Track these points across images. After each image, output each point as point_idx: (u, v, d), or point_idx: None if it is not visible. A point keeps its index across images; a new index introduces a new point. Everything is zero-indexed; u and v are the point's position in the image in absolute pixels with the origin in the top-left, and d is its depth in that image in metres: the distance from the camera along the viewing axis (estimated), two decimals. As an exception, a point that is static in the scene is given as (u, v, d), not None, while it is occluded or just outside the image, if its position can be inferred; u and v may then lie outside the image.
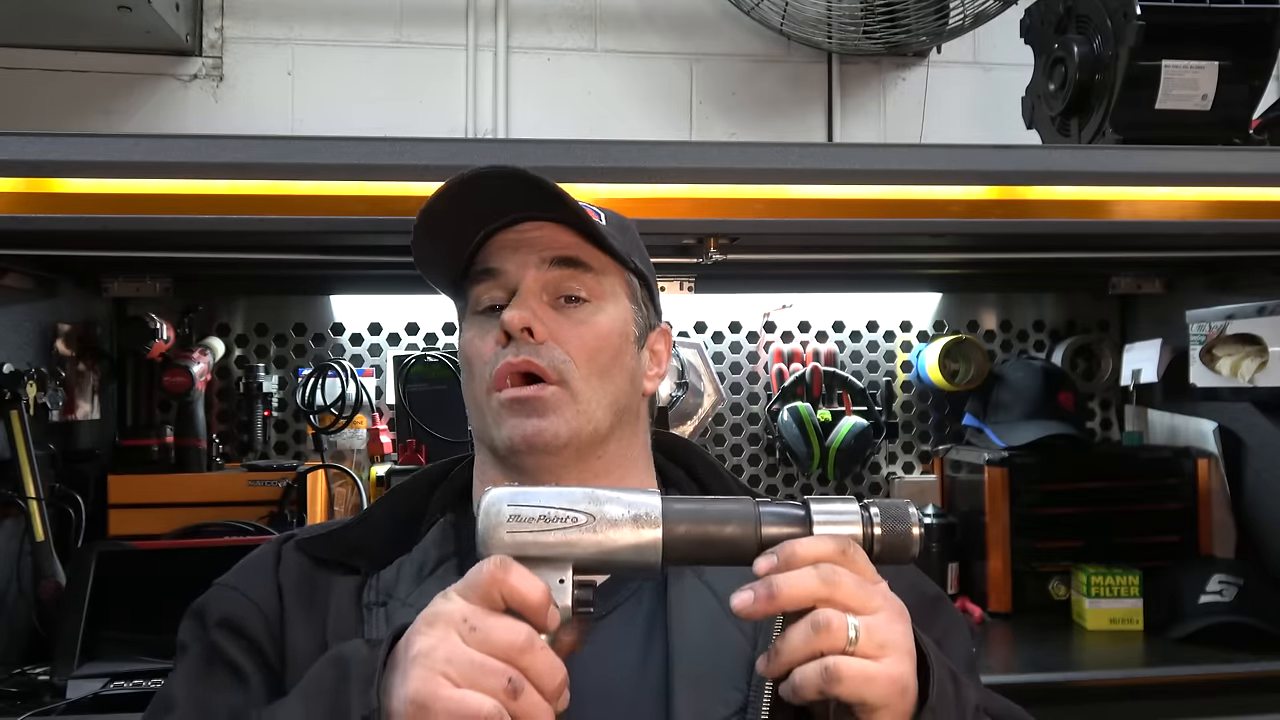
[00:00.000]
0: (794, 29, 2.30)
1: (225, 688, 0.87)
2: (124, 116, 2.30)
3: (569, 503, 0.71)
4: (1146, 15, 1.75)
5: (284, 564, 0.92)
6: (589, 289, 0.92)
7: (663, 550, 0.71)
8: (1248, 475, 2.16)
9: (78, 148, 1.45)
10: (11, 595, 1.78)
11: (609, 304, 0.93)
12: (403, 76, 2.39)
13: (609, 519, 0.71)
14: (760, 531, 0.72)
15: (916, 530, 0.74)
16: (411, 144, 1.49)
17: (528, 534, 0.70)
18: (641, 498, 0.72)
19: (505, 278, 0.91)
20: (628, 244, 0.95)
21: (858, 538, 0.73)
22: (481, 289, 0.92)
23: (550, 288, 0.91)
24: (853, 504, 0.74)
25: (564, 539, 0.70)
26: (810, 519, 0.73)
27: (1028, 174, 1.61)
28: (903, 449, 2.46)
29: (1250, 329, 1.99)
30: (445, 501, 0.96)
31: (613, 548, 0.70)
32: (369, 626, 0.87)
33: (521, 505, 0.71)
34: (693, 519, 0.72)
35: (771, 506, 0.74)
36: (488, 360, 0.90)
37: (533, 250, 0.91)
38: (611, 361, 0.92)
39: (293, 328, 2.30)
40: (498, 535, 0.70)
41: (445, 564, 0.90)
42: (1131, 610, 1.99)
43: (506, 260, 0.91)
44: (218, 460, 2.12)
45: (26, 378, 1.77)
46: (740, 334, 2.42)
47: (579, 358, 0.90)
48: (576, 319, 0.91)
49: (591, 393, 0.90)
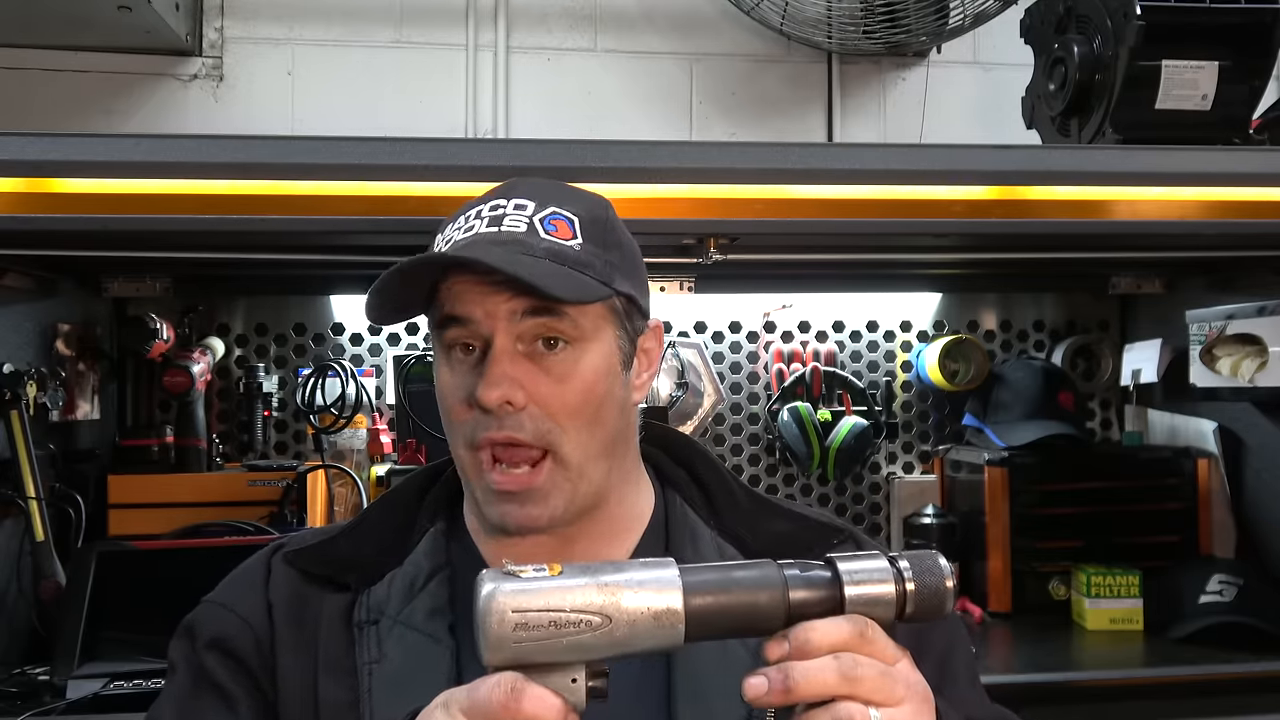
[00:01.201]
0: (794, 29, 2.30)
1: (214, 712, 0.86)
2: (124, 116, 2.30)
3: (581, 603, 0.64)
4: (1146, 15, 1.74)
5: (274, 579, 0.91)
6: (568, 333, 0.84)
7: (686, 636, 0.65)
8: (1248, 475, 2.16)
9: (78, 148, 1.45)
10: (11, 595, 1.78)
11: (591, 344, 0.85)
12: (403, 76, 2.39)
13: (626, 619, 0.64)
14: (788, 597, 0.67)
15: (950, 583, 0.68)
16: (411, 144, 1.49)
17: (536, 643, 0.64)
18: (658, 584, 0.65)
19: (475, 326, 0.83)
20: (607, 262, 0.86)
21: (890, 598, 0.67)
22: (451, 332, 0.85)
23: (525, 335, 0.83)
24: (881, 560, 0.69)
25: (578, 644, 0.64)
26: (839, 579, 0.67)
27: (1028, 174, 1.61)
28: (903, 449, 2.46)
29: (1250, 329, 1.99)
30: (435, 508, 0.94)
31: (631, 648, 0.65)
32: (360, 647, 0.86)
33: (528, 611, 0.64)
34: (715, 597, 0.66)
35: (796, 570, 0.68)
36: (464, 420, 0.85)
37: (501, 300, 0.82)
38: (599, 407, 0.86)
39: (293, 328, 2.30)
40: (503, 645, 0.64)
41: (437, 577, 0.89)
42: (1131, 610, 1.99)
43: (474, 307, 0.83)
44: (218, 460, 2.12)
45: (26, 378, 1.77)
46: (740, 334, 2.42)
47: (564, 418, 0.83)
48: (558, 373, 0.83)
49: (583, 452, 0.85)
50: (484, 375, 0.82)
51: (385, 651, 0.85)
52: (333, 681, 0.85)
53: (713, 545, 0.92)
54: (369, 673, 0.84)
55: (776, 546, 0.90)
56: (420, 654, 0.85)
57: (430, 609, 0.87)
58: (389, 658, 0.85)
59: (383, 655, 0.85)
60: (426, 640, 0.85)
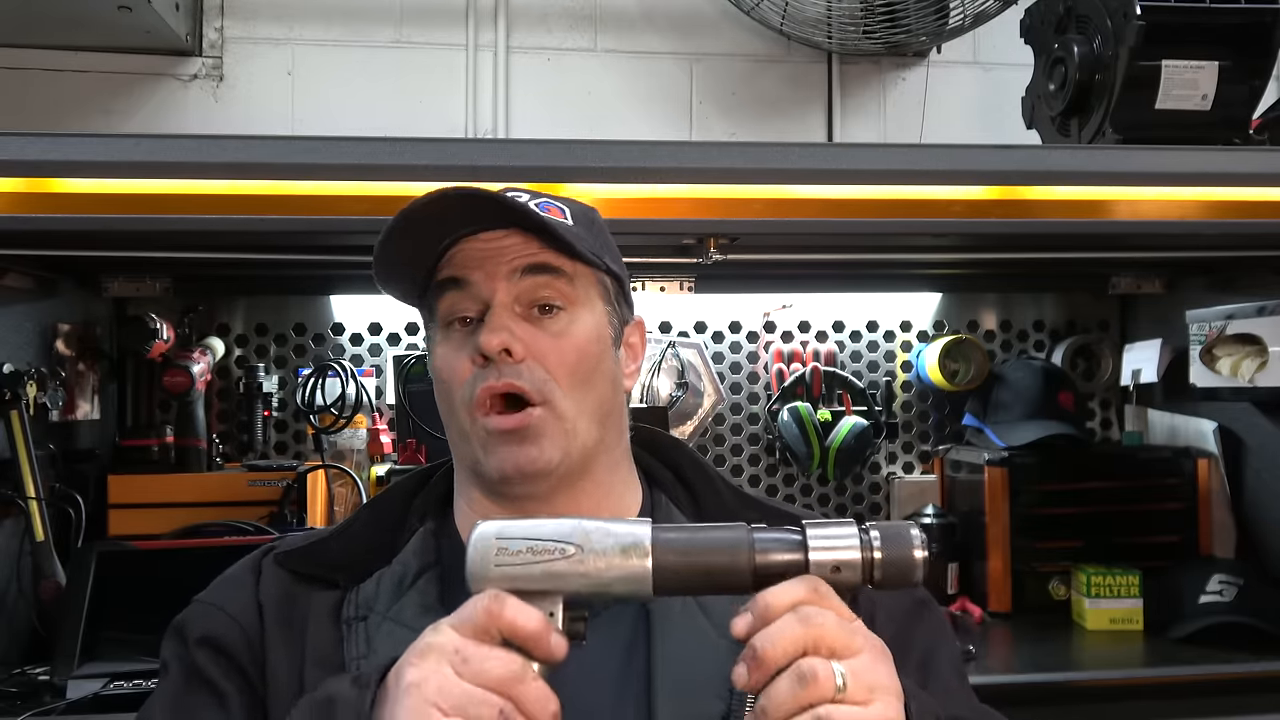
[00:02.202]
0: (794, 29, 2.30)
1: (206, 709, 0.86)
2: (124, 116, 2.30)
3: (557, 535, 0.70)
4: (1146, 15, 1.74)
5: (264, 580, 0.91)
6: (563, 295, 0.89)
7: (653, 580, 0.69)
8: (1248, 475, 2.16)
9: (78, 148, 1.45)
10: (11, 595, 1.78)
11: (584, 310, 0.90)
12: (403, 76, 2.39)
13: (597, 550, 0.69)
14: (754, 559, 0.70)
15: (919, 553, 0.70)
16: (411, 144, 1.49)
17: (516, 566, 0.69)
18: (631, 527, 0.71)
19: (474, 289, 0.88)
20: (597, 244, 0.92)
21: (856, 563, 0.70)
22: (449, 301, 0.89)
23: (523, 297, 0.88)
24: (851, 527, 0.71)
25: (552, 571, 0.69)
26: (806, 544, 0.70)
27: (1028, 174, 1.61)
28: (903, 449, 2.46)
29: (1250, 329, 1.99)
30: (425, 509, 0.95)
31: (602, 579, 0.69)
32: (348, 643, 0.86)
33: (509, 538, 0.70)
34: (684, 548, 0.70)
35: (766, 532, 0.71)
36: (465, 380, 0.88)
37: (501, 260, 0.87)
38: (593, 371, 0.89)
39: (293, 328, 2.30)
40: (485, 569, 0.69)
41: (426, 574, 0.89)
42: (1131, 610, 1.99)
43: (474, 270, 0.88)
44: (218, 460, 2.12)
45: (26, 378, 1.77)
46: (740, 334, 2.42)
47: (560, 374, 0.87)
48: (554, 330, 0.88)
49: (576, 408, 0.88)
50: (484, 327, 0.86)
51: (375, 647, 0.85)
52: (321, 675, 0.84)
53: None
54: (357, 667, 0.85)
55: None
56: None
57: (420, 606, 0.87)
58: (377, 653, 0.85)
59: (371, 651, 0.85)
60: (415, 636, 0.85)
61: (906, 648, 0.90)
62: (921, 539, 0.71)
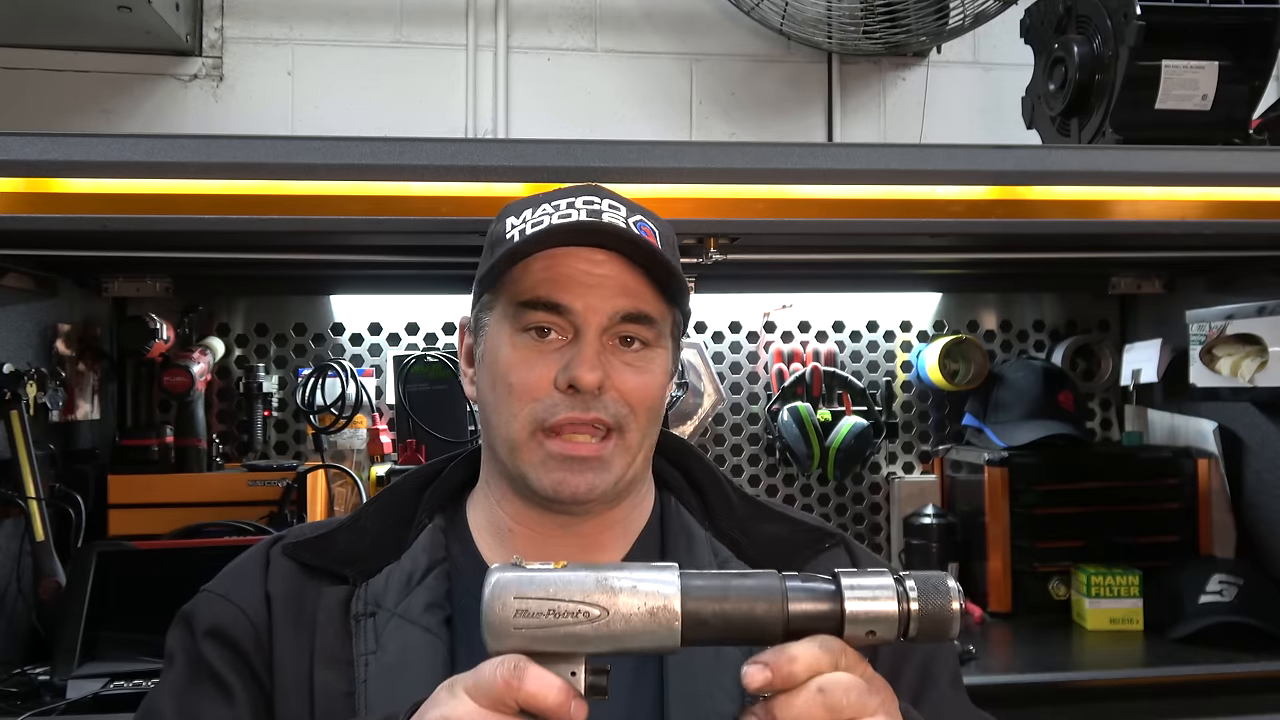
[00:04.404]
0: (794, 29, 2.30)
1: (211, 701, 0.86)
2: (124, 116, 2.30)
3: (581, 594, 0.66)
4: (1146, 15, 1.74)
5: (273, 571, 0.91)
6: (649, 337, 0.90)
7: (682, 638, 0.66)
8: (1248, 475, 2.16)
9: (78, 148, 1.45)
10: (11, 595, 1.78)
11: (661, 351, 0.92)
12: (403, 76, 2.39)
13: (623, 614, 0.66)
14: (787, 608, 0.67)
15: (956, 605, 0.67)
16: (411, 144, 1.49)
17: (537, 630, 0.66)
18: (658, 587, 0.67)
19: (572, 316, 0.88)
20: (679, 280, 0.92)
21: (892, 616, 0.67)
22: (539, 315, 0.88)
23: (612, 330, 0.89)
24: (886, 577, 0.68)
25: (575, 634, 0.66)
26: (841, 594, 0.67)
27: (1028, 174, 1.61)
28: (903, 449, 2.46)
29: (1250, 329, 1.99)
30: (435, 504, 0.95)
31: (628, 644, 0.66)
32: (357, 639, 0.86)
33: (529, 598, 0.66)
34: (714, 603, 0.67)
35: (799, 582, 0.68)
36: (538, 399, 0.87)
37: (605, 295, 0.88)
38: (660, 406, 0.92)
39: (293, 328, 2.30)
40: (504, 629, 0.66)
41: (435, 571, 0.89)
42: (1131, 610, 1.99)
43: (576, 298, 0.87)
44: (218, 460, 2.12)
45: (26, 378, 1.77)
46: (740, 334, 2.42)
47: (640, 410, 0.89)
48: (638, 368, 0.89)
49: (642, 440, 0.90)
50: (579, 358, 0.86)
51: (382, 643, 0.86)
52: (329, 672, 0.85)
53: (707, 546, 0.94)
54: (365, 663, 0.85)
55: (769, 549, 0.92)
56: (416, 646, 0.86)
57: (427, 602, 0.87)
58: (385, 649, 0.85)
59: (379, 647, 0.85)
60: (423, 633, 0.86)
61: (905, 654, 0.90)
62: (958, 590, 0.68)
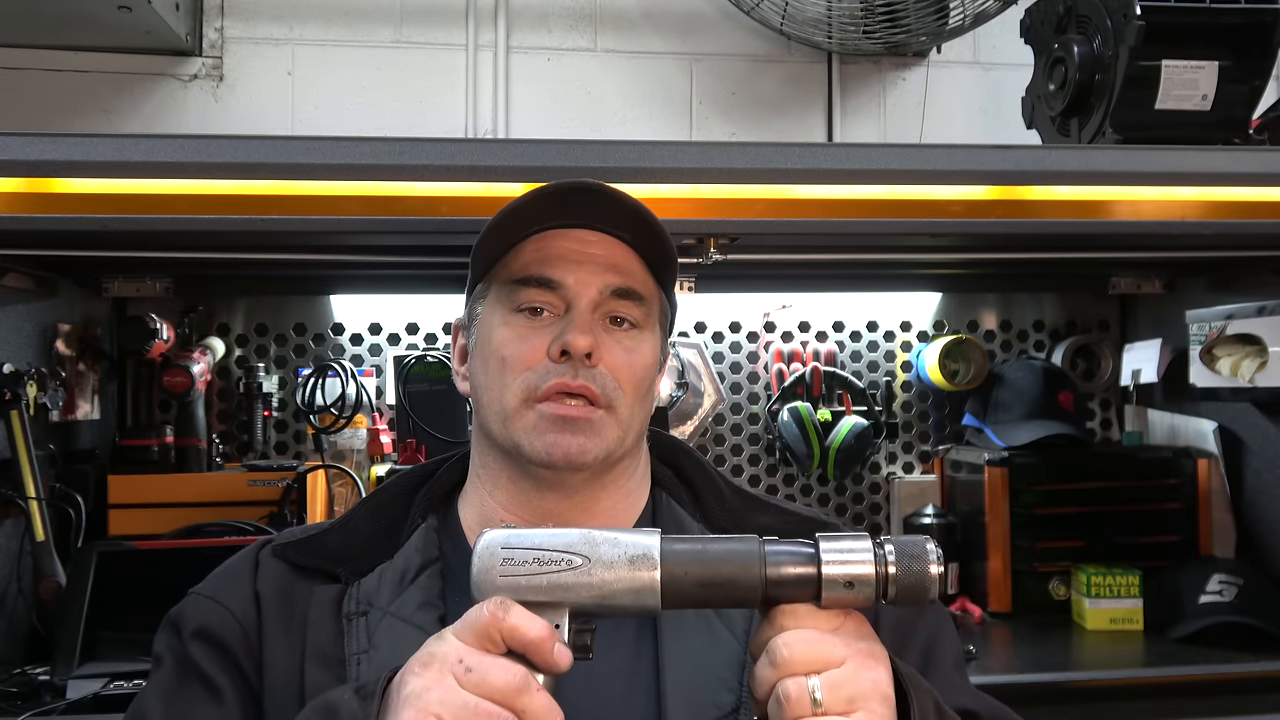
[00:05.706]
0: (794, 29, 2.30)
1: (200, 702, 0.86)
2: (124, 116, 2.30)
3: (564, 545, 0.69)
4: (1146, 15, 1.74)
5: (262, 572, 0.91)
6: (637, 317, 0.92)
7: (662, 593, 0.68)
8: (1248, 475, 2.16)
9: (78, 148, 1.45)
10: (11, 595, 1.78)
11: (649, 333, 0.94)
12: (403, 76, 2.39)
13: (605, 561, 0.68)
14: (765, 572, 0.69)
15: (935, 569, 0.69)
16: (411, 144, 1.49)
17: (521, 577, 0.68)
18: (639, 538, 0.69)
19: (564, 291, 0.90)
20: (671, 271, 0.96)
21: (870, 578, 0.68)
22: (531, 293, 0.90)
23: (603, 307, 0.91)
24: (864, 540, 0.69)
25: (559, 582, 0.68)
26: (819, 557, 0.69)
27: (1028, 174, 1.61)
28: (903, 449, 2.46)
29: (1250, 329, 1.99)
30: (428, 505, 0.95)
31: (609, 591, 0.68)
32: (349, 638, 0.86)
33: (515, 548, 0.69)
34: (694, 560, 0.69)
35: (779, 545, 0.70)
36: (532, 368, 0.88)
37: (595, 270, 0.90)
38: (648, 389, 0.93)
39: (293, 328, 2.30)
40: (490, 578, 0.68)
41: (428, 570, 0.89)
42: (1131, 610, 1.99)
43: (567, 274, 0.90)
44: (218, 460, 2.12)
45: (26, 378, 1.77)
46: (740, 334, 2.42)
47: (626, 385, 0.90)
48: (627, 345, 0.91)
49: (630, 418, 0.91)
50: (571, 325, 0.88)
51: (375, 642, 0.85)
52: (320, 671, 0.85)
53: None
54: (357, 662, 0.85)
55: None
56: (409, 645, 0.85)
57: (421, 601, 0.87)
58: (378, 648, 0.85)
59: (372, 645, 0.85)
60: (416, 631, 0.85)
61: (908, 636, 0.90)
62: (938, 554, 0.69)
